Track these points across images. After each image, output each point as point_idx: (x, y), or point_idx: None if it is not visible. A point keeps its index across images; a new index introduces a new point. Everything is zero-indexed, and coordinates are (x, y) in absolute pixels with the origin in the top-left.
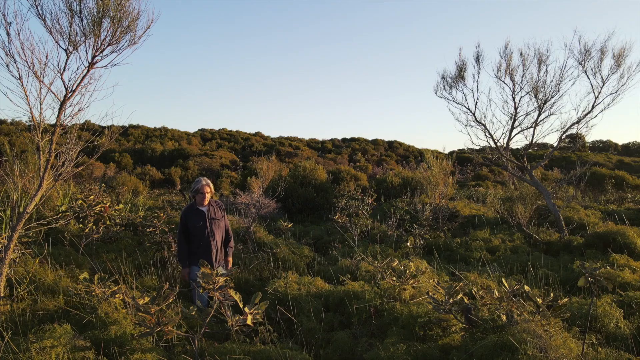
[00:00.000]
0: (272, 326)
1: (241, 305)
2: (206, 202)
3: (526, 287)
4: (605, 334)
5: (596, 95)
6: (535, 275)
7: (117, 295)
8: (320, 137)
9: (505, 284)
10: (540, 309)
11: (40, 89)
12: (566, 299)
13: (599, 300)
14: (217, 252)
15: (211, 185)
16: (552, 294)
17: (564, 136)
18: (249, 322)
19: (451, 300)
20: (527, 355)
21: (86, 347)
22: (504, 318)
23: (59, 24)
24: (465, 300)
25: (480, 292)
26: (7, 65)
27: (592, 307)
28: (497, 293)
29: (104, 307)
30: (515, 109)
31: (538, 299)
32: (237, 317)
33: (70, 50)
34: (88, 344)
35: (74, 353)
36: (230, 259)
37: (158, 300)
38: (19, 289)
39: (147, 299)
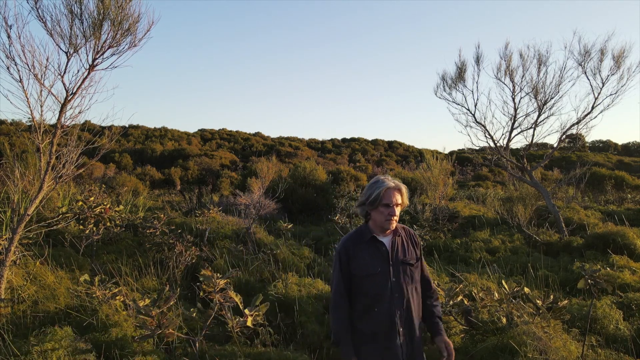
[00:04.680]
0: (273, 328)
1: (242, 307)
2: (393, 226)
3: (526, 289)
4: (605, 335)
5: (596, 96)
6: (535, 277)
7: (117, 297)
8: (320, 137)
9: (505, 286)
10: (540, 311)
11: (41, 91)
12: (566, 301)
13: (599, 301)
14: (410, 329)
15: (404, 190)
16: (552, 296)
17: (563, 137)
18: (249, 323)
19: (451, 302)
20: (527, 358)
21: (87, 350)
22: (504, 320)
23: (60, 26)
24: (465, 302)
25: (480, 294)
26: (7, 68)
27: (592, 308)
28: (497, 295)
29: (105, 309)
30: (515, 109)
31: (538, 301)
32: (238, 319)
33: (71, 52)
34: (89, 347)
35: (75, 356)
36: (448, 341)
37: (159, 302)
38: (20, 291)
39: (147, 301)
